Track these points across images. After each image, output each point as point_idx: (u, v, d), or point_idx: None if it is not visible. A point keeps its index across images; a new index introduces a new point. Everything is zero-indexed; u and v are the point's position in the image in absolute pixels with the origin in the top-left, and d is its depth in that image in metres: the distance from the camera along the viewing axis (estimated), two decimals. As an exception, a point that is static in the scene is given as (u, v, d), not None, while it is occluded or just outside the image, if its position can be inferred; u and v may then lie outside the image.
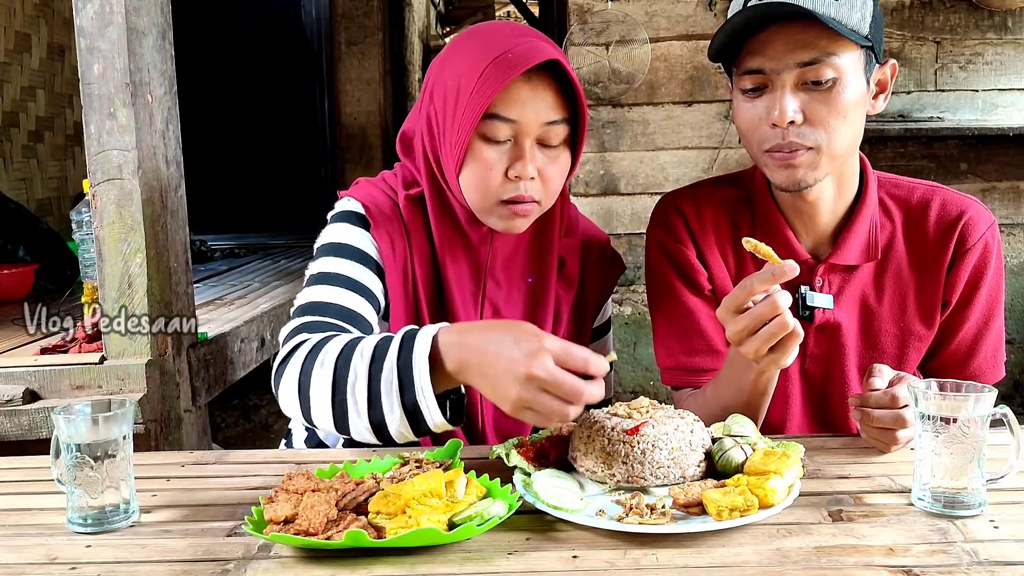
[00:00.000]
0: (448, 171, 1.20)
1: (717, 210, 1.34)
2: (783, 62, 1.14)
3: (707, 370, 1.32)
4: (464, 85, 1.14)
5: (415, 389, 0.99)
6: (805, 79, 1.14)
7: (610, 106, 3.75)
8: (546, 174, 1.18)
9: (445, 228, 1.24)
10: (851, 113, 1.16)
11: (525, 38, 1.16)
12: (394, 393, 0.99)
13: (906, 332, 1.29)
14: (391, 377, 1.00)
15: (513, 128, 1.14)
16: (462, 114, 1.14)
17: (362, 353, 1.03)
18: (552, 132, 1.16)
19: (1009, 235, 3.80)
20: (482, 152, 1.16)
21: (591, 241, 1.39)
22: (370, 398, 1.01)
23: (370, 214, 1.24)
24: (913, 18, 3.72)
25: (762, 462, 0.94)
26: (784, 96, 1.14)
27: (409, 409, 1.00)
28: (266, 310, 2.59)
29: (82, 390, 1.82)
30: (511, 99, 1.13)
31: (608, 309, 1.43)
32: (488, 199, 1.17)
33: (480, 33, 1.20)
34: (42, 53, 4.23)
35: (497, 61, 1.12)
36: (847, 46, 1.14)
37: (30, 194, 4.10)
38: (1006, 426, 0.93)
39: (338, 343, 1.06)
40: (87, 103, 1.77)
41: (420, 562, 0.83)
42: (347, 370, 1.03)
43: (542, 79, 1.14)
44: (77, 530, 0.92)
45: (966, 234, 1.26)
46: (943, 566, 0.80)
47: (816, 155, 1.17)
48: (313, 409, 1.06)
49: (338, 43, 5.64)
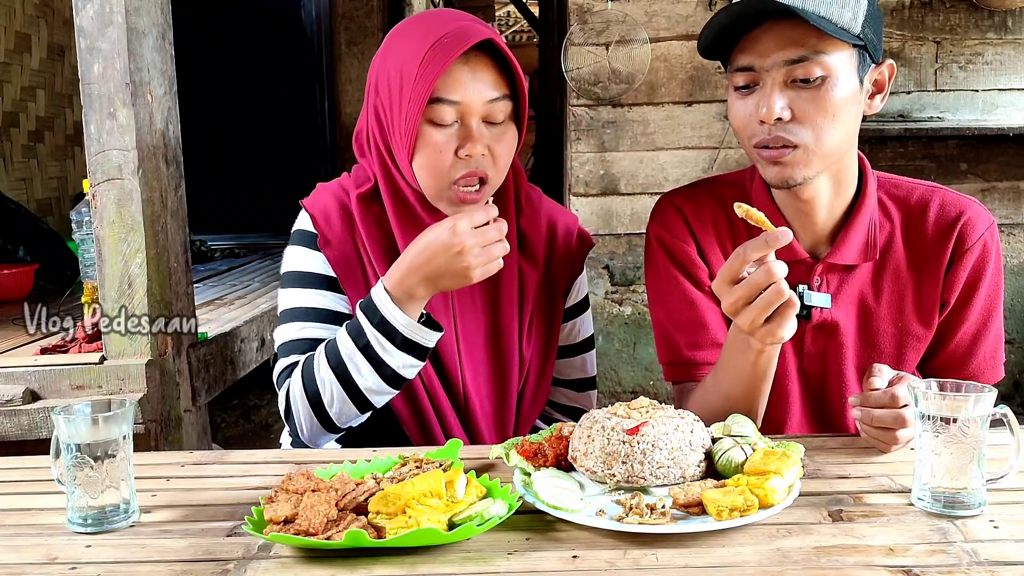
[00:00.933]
0: (400, 159, 1.23)
1: (716, 208, 1.34)
2: (772, 59, 1.15)
3: (709, 364, 1.31)
4: (407, 73, 1.18)
5: (396, 327, 1.17)
6: (794, 76, 1.14)
7: (610, 106, 3.75)
8: (495, 150, 1.22)
9: (402, 218, 1.28)
10: (840, 112, 1.16)
11: (460, 21, 1.20)
12: (386, 344, 1.17)
13: (904, 332, 1.29)
14: (376, 335, 1.17)
15: (458, 110, 1.18)
16: (408, 102, 1.17)
17: (342, 342, 1.19)
18: (496, 108, 1.20)
19: (1009, 235, 3.80)
20: (431, 136, 1.19)
21: (556, 221, 1.40)
22: (374, 363, 1.17)
23: (318, 226, 1.30)
24: (913, 18, 3.72)
25: (762, 462, 0.94)
26: (772, 93, 1.15)
27: (403, 345, 1.17)
28: (266, 310, 2.59)
29: (82, 390, 1.82)
30: (452, 82, 1.17)
31: (583, 289, 1.44)
32: (441, 181, 1.21)
33: (416, 21, 1.24)
34: (42, 53, 4.23)
35: (435, 47, 1.16)
36: (837, 45, 1.14)
37: (30, 194, 4.10)
38: (1006, 426, 0.93)
39: (319, 355, 1.21)
40: (87, 103, 1.77)
41: (420, 562, 0.83)
42: (343, 361, 1.19)
43: (480, 59, 1.19)
44: (77, 530, 0.92)
45: (965, 234, 1.26)
46: (943, 566, 0.80)
47: (804, 153, 1.17)
48: (335, 414, 1.21)
49: (338, 43, 5.64)
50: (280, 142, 5.93)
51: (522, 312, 1.33)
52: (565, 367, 1.43)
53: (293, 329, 1.28)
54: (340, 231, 1.30)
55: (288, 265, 1.33)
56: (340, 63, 5.64)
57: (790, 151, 1.17)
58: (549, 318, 1.37)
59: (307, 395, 1.21)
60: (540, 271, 1.36)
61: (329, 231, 1.30)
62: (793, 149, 1.17)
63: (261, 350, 2.48)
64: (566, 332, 1.41)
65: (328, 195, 1.33)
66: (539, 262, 1.36)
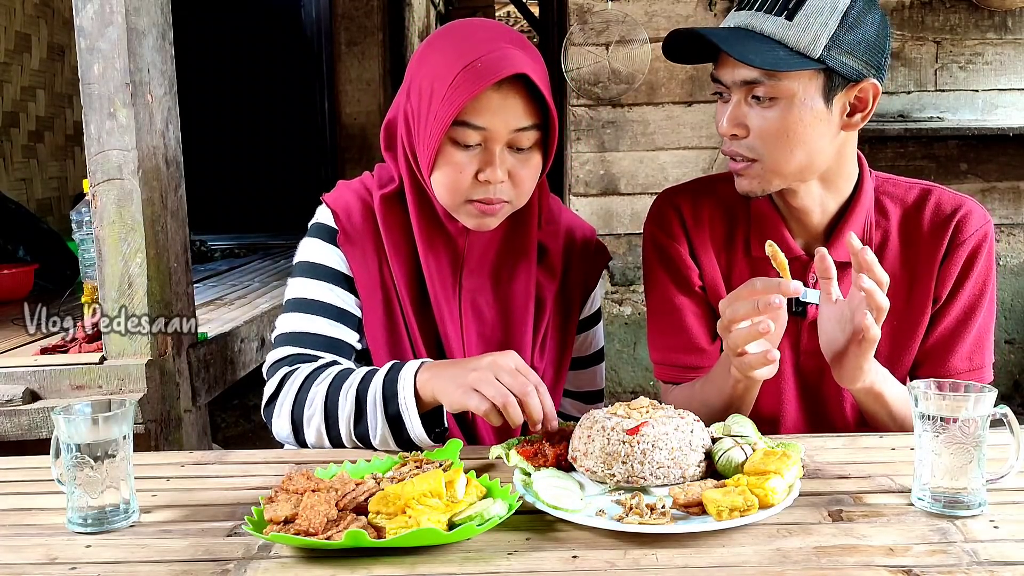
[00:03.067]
0: (422, 167, 1.22)
1: (714, 206, 1.35)
2: (731, 77, 1.19)
3: (692, 367, 1.34)
4: (436, 89, 1.16)
5: (399, 401, 1.11)
6: (753, 94, 1.18)
7: (610, 106, 3.75)
8: (517, 176, 1.20)
9: (424, 220, 1.26)
10: (797, 133, 1.17)
11: (499, 45, 1.16)
12: (379, 406, 1.12)
13: (898, 329, 1.29)
14: (376, 390, 1.12)
15: (483, 134, 1.16)
16: (434, 118, 1.16)
17: (351, 383, 1.15)
18: (523, 137, 1.18)
19: (1009, 235, 3.80)
20: (452, 155, 1.18)
21: (575, 232, 1.40)
22: (357, 411, 1.13)
23: (339, 222, 1.28)
24: (913, 18, 3.72)
25: (762, 462, 0.94)
26: (729, 109, 1.20)
27: (392, 419, 1.11)
28: (266, 310, 2.59)
29: (82, 390, 1.82)
30: (481, 107, 1.14)
31: (597, 300, 1.44)
32: (457, 199, 1.20)
33: (455, 33, 1.21)
34: (42, 53, 4.23)
35: (468, 69, 1.13)
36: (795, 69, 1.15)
37: (30, 194, 4.10)
38: (1006, 426, 0.93)
39: (325, 380, 1.17)
40: (87, 103, 1.77)
41: (420, 562, 0.83)
42: (337, 397, 1.15)
43: (512, 87, 1.16)
44: (77, 530, 0.92)
45: (961, 226, 1.26)
46: (943, 566, 0.80)
47: (761, 168, 1.20)
48: (310, 440, 1.19)
49: (338, 43, 5.64)
50: (280, 142, 5.94)
51: (538, 324, 1.33)
52: (575, 379, 1.43)
53: (295, 320, 1.26)
54: (362, 231, 1.28)
55: (302, 255, 1.31)
56: (340, 63, 5.65)
57: (748, 164, 1.21)
58: (564, 330, 1.37)
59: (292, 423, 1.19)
60: (557, 282, 1.36)
61: (351, 228, 1.28)
62: (752, 163, 1.20)
63: (261, 350, 2.48)
64: (579, 344, 1.41)
65: (351, 193, 1.31)
66: (557, 273, 1.36)
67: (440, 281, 1.27)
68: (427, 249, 1.26)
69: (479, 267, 1.30)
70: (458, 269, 1.29)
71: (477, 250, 1.29)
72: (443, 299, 1.27)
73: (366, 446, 1.15)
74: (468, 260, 1.29)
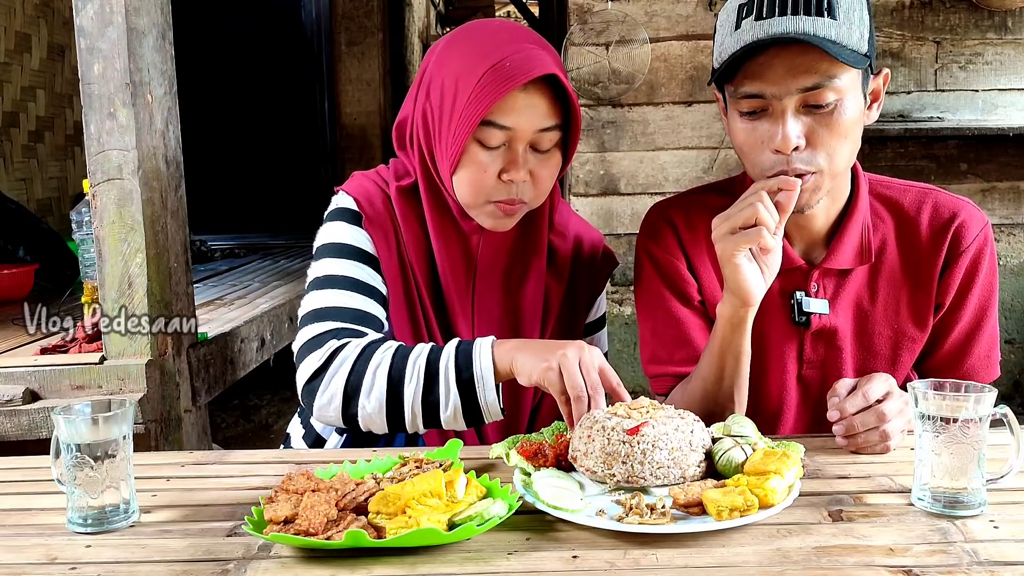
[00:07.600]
0: (442, 169, 1.22)
1: (707, 220, 1.32)
2: (784, 87, 1.11)
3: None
4: (461, 90, 1.15)
5: (473, 369, 1.10)
6: (807, 103, 1.12)
7: (610, 106, 3.75)
8: (537, 175, 1.21)
9: (438, 218, 1.26)
10: (852, 132, 1.15)
11: (525, 45, 1.16)
12: (451, 372, 1.10)
13: (899, 334, 1.29)
14: (449, 357, 1.11)
15: (507, 134, 1.17)
16: (459, 119, 1.16)
17: (419, 351, 1.13)
18: (545, 137, 1.19)
19: (1009, 235, 3.80)
20: (476, 155, 1.18)
21: (583, 237, 1.40)
22: (427, 378, 1.11)
23: (361, 207, 1.27)
24: (913, 18, 3.72)
25: (762, 462, 0.94)
26: (787, 123, 1.11)
27: (464, 386, 1.10)
28: (266, 310, 2.58)
29: (82, 390, 1.81)
30: (507, 108, 1.15)
31: (602, 306, 1.44)
32: (480, 198, 1.20)
33: (478, 33, 1.21)
34: (42, 53, 4.23)
35: (495, 69, 1.13)
36: (847, 67, 1.11)
37: (30, 194, 4.10)
38: (1006, 426, 0.93)
39: (389, 349, 1.14)
40: (87, 103, 1.77)
41: (420, 562, 0.83)
42: (404, 365, 1.12)
43: (538, 87, 1.16)
44: (77, 530, 0.92)
45: (960, 236, 1.25)
46: (943, 566, 0.80)
47: (820, 177, 1.15)
48: (365, 409, 1.13)
49: (338, 43, 5.64)
50: (280, 142, 5.94)
51: (544, 327, 1.33)
52: None
53: (326, 295, 1.22)
54: (383, 216, 1.28)
55: (325, 238, 1.28)
56: (340, 63, 5.65)
57: (808, 178, 1.14)
58: (568, 334, 1.36)
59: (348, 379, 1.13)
60: (564, 286, 1.36)
61: (373, 212, 1.27)
62: (811, 176, 1.14)
63: (261, 350, 2.48)
64: None
65: (368, 182, 1.31)
66: (564, 277, 1.36)
67: (454, 279, 1.28)
68: (442, 247, 1.26)
69: (492, 267, 1.30)
70: (472, 269, 1.29)
71: (490, 250, 1.29)
72: (456, 298, 1.28)
73: (426, 419, 1.12)
74: (481, 260, 1.29)
